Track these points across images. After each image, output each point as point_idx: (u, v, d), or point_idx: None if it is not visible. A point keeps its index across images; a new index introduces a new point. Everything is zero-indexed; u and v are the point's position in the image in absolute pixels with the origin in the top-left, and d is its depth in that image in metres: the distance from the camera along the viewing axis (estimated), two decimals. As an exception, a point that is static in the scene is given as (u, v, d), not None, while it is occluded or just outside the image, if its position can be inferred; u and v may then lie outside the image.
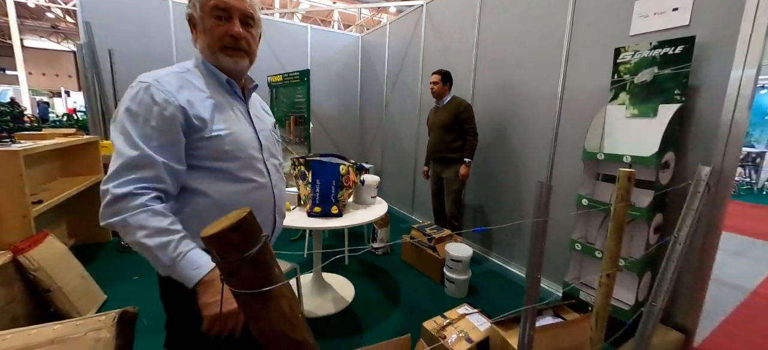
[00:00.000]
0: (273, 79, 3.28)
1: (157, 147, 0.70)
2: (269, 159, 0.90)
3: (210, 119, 0.76)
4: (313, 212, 1.71)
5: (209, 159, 0.77)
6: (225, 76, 0.83)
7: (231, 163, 0.79)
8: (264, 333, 0.49)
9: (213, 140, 0.76)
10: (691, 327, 1.71)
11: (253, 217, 0.48)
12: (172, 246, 0.68)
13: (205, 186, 0.78)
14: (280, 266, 0.52)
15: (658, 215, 1.68)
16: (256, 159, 0.85)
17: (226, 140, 0.78)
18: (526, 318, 0.89)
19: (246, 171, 0.82)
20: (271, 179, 0.89)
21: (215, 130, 0.77)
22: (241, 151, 0.81)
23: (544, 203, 0.83)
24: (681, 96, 1.56)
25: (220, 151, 0.78)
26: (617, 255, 1.12)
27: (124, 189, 0.67)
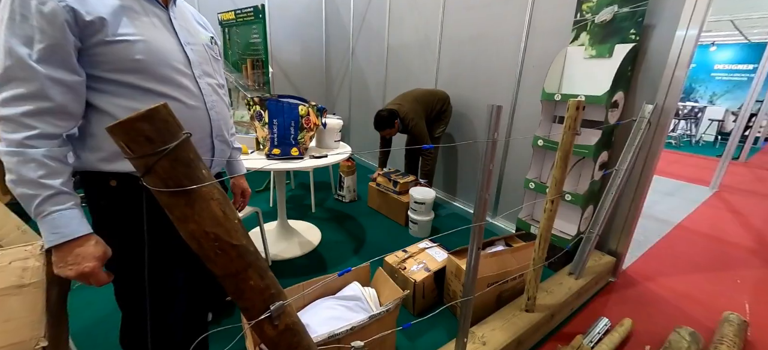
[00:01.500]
0: (224, 16, 2.97)
1: (39, 52, 0.59)
2: (202, 77, 0.81)
3: (111, 19, 0.65)
4: (273, 155, 1.65)
5: (116, 71, 0.68)
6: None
7: (145, 77, 0.70)
8: (194, 236, 0.48)
9: (117, 45, 0.66)
10: (621, 252, 1.93)
11: (169, 111, 0.43)
12: (36, 202, 0.60)
13: (112, 105, 0.69)
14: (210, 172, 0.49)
15: (604, 153, 1.80)
16: (182, 74, 0.76)
17: (136, 47, 0.68)
18: (474, 236, 0.94)
19: (166, 87, 0.73)
20: (204, 99, 0.81)
21: (120, 34, 0.66)
22: (158, 63, 0.71)
23: (494, 124, 0.84)
24: (636, 35, 1.60)
25: (129, 60, 0.68)
26: (562, 183, 1.20)
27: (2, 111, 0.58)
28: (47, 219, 0.61)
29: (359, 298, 1.17)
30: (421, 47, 2.99)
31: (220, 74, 0.92)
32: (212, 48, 0.88)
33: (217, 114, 0.85)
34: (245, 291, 0.53)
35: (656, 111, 1.59)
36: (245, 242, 0.52)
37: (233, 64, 3.09)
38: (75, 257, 0.62)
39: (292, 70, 4.39)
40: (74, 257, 0.62)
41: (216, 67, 0.89)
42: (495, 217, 2.55)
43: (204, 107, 0.81)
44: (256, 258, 0.54)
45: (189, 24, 0.83)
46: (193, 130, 0.79)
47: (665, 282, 2.00)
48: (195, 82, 0.79)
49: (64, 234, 0.62)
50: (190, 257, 0.88)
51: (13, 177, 0.60)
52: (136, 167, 0.43)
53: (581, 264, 1.71)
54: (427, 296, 1.58)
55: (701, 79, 8.27)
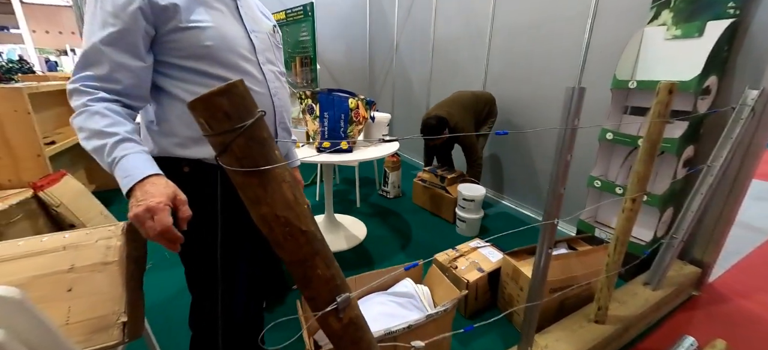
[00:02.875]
0: (276, 17, 3.09)
1: (109, 37, 0.62)
2: (266, 64, 0.82)
3: (184, 6, 0.67)
4: (322, 148, 1.67)
5: (188, 57, 0.69)
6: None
7: (215, 63, 0.71)
8: (266, 220, 0.46)
9: (190, 32, 0.68)
10: (708, 262, 1.67)
11: (245, 87, 0.42)
12: (106, 151, 0.61)
13: (184, 91, 0.71)
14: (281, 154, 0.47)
15: (689, 148, 1.57)
16: (249, 61, 0.77)
17: (207, 33, 0.69)
18: (544, 235, 0.85)
19: (233, 73, 0.74)
20: (269, 86, 0.82)
21: (193, 20, 0.68)
22: (227, 50, 0.72)
23: (574, 109, 0.74)
24: (735, 9, 1.37)
25: (200, 47, 0.69)
26: (646, 180, 1.05)
27: (72, 85, 0.63)
28: (118, 166, 0.61)
29: (412, 295, 1.12)
30: (471, 39, 2.85)
31: (281, 62, 0.93)
32: (275, 36, 0.89)
33: (279, 101, 0.85)
34: (313, 279, 0.51)
35: (763, 98, 1.34)
36: (314, 228, 0.50)
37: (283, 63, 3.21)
38: (144, 194, 0.60)
39: (336, 68, 4.47)
40: (143, 194, 0.60)
41: (278, 56, 0.90)
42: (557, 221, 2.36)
43: (268, 93, 0.82)
44: (323, 246, 0.52)
45: (253, 13, 0.84)
46: None
47: (762, 299, 1.70)
48: (259, 69, 0.80)
49: (134, 176, 0.61)
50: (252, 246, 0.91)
51: (84, 134, 0.62)
52: (213, 145, 0.42)
53: (660, 274, 1.50)
54: (480, 298, 1.49)
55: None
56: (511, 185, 2.70)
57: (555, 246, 1.58)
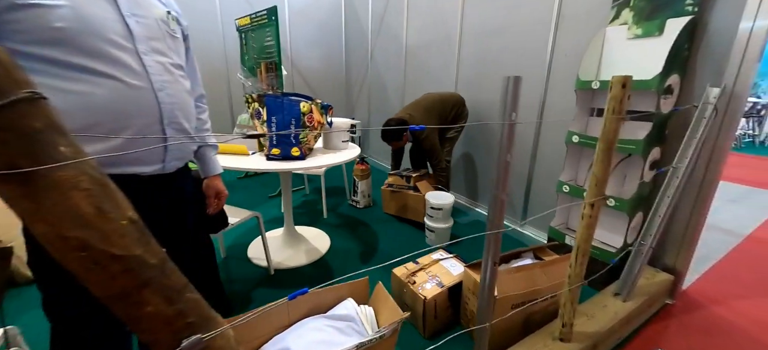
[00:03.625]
0: (241, 22, 2.96)
1: None
2: (150, 54, 0.70)
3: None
4: (272, 155, 1.53)
5: (33, 43, 0.57)
6: None
7: (73, 50, 0.59)
8: (49, 243, 0.33)
9: (33, 10, 0.55)
10: (681, 269, 1.60)
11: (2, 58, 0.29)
12: None
13: None
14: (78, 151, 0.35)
15: (656, 150, 1.51)
16: (122, 49, 0.65)
17: (57, 13, 0.57)
18: (489, 246, 0.74)
19: (98, 63, 0.62)
20: (151, 79, 0.69)
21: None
22: (88, 34, 0.61)
23: (511, 101, 0.64)
24: (693, 6, 1.33)
25: (49, 29, 0.57)
26: (604, 182, 0.96)
27: None
28: None
29: (353, 319, 0.99)
30: (441, 45, 2.80)
31: (180, 56, 0.80)
32: (169, 25, 0.77)
33: (169, 97, 0.73)
34: (142, 319, 0.38)
35: (724, 95, 1.29)
36: (140, 252, 0.37)
37: (249, 69, 3.07)
38: None
39: (312, 76, 4.36)
40: None
41: (173, 46, 0.78)
42: (523, 225, 2.28)
43: (150, 88, 0.69)
44: (161, 275, 0.39)
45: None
46: (134, 115, 0.68)
47: (738, 307, 1.64)
48: (138, 59, 0.68)
49: None
50: None
51: None
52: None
53: (630, 283, 1.42)
54: (441, 315, 1.37)
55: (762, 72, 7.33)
56: (484, 192, 2.62)
57: (520, 257, 1.48)
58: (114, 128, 0.65)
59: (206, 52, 3.64)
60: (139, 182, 0.73)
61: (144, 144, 0.69)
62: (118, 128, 0.66)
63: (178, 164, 0.82)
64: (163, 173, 0.78)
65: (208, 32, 3.62)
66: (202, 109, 1.00)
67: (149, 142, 0.70)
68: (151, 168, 0.74)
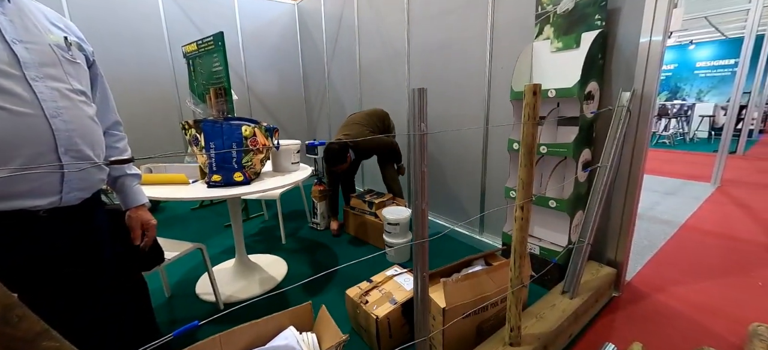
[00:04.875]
0: (187, 49, 2.89)
1: None
2: (43, 80, 0.66)
3: None
4: (212, 182, 1.47)
5: None
6: None
7: None
8: None
9: None
10: (622, 260, 1.70)
11: None
12: None
13: None
14: None
15: (586, 151, 1.62)
16: (5, 75, 0.61)
17: None
18: (417, 258, 0.74)
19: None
20: (42, 105, 0.65)
21: None
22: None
23: (417, 112, 0.66)
24: (601, 20, 1.47)
25: None
26: (530, 184, 1.00)
27: None
28: None
29: (293, 348, 0.94)
30: (391, 62, 2.89)
31: (81, 80, 0.76)
32: (68, 50, 0.73)
33: (65, 123, 0.68)
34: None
35: (635, 98, 1.43)
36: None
37: (199, 96, 2.97)
38: None
39: (269, 100, 4.31)
40: None
41: (72, 71, 0.73)
42: (482, 234, 2.33)
43: (41, 114, 0.65)
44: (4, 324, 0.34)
45: (28, 21, 0.68)
46: (23, 142, 0.63)
47: (678, 292, 1.75)
48: (27, 85, 0.64)
49: None
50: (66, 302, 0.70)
51: None
52: None
53: (575, 280, 1.47)
54: (396, 333, 1.34)
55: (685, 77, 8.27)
56: (443, 204, 2.66)
57: (471, 264, 1.50)
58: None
59: (155, 79, 3.49)
60: (34, 219, 0.67)
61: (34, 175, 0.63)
62: (2, 159, 0.60)
63: (82, 195, 0.76)
64: (61, 207, 0.71)
65: (156, 59, 3.49)
66: (118, 137, 0.94)
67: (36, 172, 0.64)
68: (46, 201, 0.68)
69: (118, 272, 0.97)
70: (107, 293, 0.87)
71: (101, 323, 0.84)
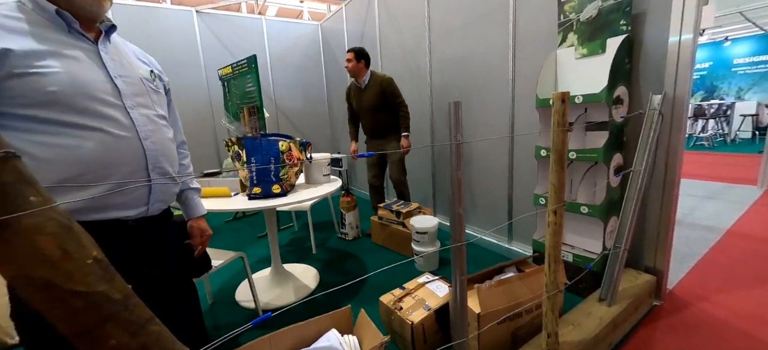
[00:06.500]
0: (223, 72, 3.10)
1: None
2: (137, 108, 0.78)
3: (20, 52, 0.63)
4: (253, 194, 1.57)
5: (30, 106, 0.64)
6: (53, 7, 0.69)
7: (67, 109, 0.66)
8: (17, 282, 0.36)
9: (28, 78, 0.63)
10: (661, 268, 1.64)
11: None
12: None
13: (28, 143, 0.64)
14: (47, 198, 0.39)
15: (617, 156, 1.60)
16: (110, 105, 0.73)
17: (51, 79, 0.65)
18: (455, 261, 0.78)
19: (88, 119, 0.69)
20: (137, 130, 0.77)
21: (32, 66, 0.63)
22: (81, 95, 0.68)
23: (454, 124, 0.71)
24: (626, 26, 1.48)
25: (42, 93, 0.64)
26: (562, 189, 1.02)
27: None
28: None
29: (336, 349, 0.99)
30: (412, 75, 2.96)
31: (163, 107, 0.89)
32: (153, 82, 0.85)
33: (154, 145, 0.80)
34: (105, 354, 0.41)
35: (667, 101, 1.41)
36: (103, 288, 0.41)
37: (233, 115, 3.17)
38: None
39: (295, 115, 4.50)
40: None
41: (156, 99, 0.86)
42: (511, 242, 2.31)
43: (136, 137, 0.77)
44: (124, 309, 0.42)
45: (123, 58, 0.81)
46: (124, 161, 0.75)
47: (725, 302, 1.67)
48: (126, 113, 0.75)
49: None
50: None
51: None
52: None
53: (612, 287, 1.44)
54: (430, 339, 1.36)
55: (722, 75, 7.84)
56: (470, 213, 2.66)
57: (503, 271, 1.51)
58: (102, 175, 0.71)
59: (192, 101, 3.76)
60: (124, 227, 0.78)
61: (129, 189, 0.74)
62: (105, 175, 0.72)
63: (162, 207, 0.87)
64: (146, 216, 0.82)
65: (193, 83, 3.77)
66: (184, 155, 1.06)
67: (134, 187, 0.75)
68: (135, 212, 0.79)
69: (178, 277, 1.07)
70: (172, 295, 0.97)
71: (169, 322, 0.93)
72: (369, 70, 2.62)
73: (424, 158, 3.03)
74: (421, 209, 2.45)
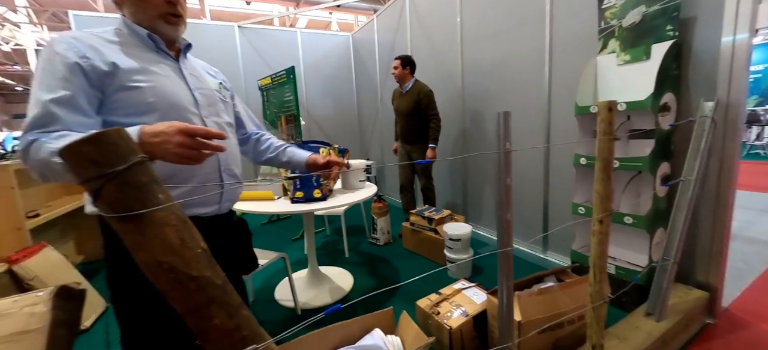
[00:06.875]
0: (262, 82, 3.29)
1: (60, 98, 0.66)
2: (210, 117, 0.87)
3: (126, 69, 0.73)
4: (296, 198, 1.66)
5: (133, 114, 0.74)
6: (145, 31, 0.80)
7: (157, 117, 0.76)
8: (147, 267, 0.44)
9: (133, 91, 0.74)
10: (715, 284, 1.55)
11: (122, 135, 0.42)
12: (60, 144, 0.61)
13: None
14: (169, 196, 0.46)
15: (664, 165, 1.54)
16: (191, 114, 0.82)
17: (148, 91, 0.75)
18: (502, 266, 0.80)
19: None
20: None
21: (135, 80, 0.74)
22: (169, 105, 0.78)
23: (503, 133, 0.74)
24: (674, 31, 1.43)
25: (144, 104, 0.74)
26: (609, 199, 1.01)
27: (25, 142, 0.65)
28: None
29: (381, 348, 1.03)
30: (444, 82, 2.99)
31: (229, 114, 0.98)
32: (220, 92, 0.95)
33: (225, 150, 0.88)
34: (209, 331, 0.47)
35: (721, 108, 1.34)
36: (209, 274, 0.47)
37: (271, 123, 3.34)
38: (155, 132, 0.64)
39: (326, 123, 4.65)
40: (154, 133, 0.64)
41: (224, 108, 0.95)
42: (546, 252, 2.26)
43: None
44: (223, 293, 0.49)
45: (198, 73, 0.91)
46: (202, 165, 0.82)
47: (788, 322, 1.54)
48: (202, 121, 0.85)
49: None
50: None
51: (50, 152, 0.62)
52: (88, 193, 0.42)
53: (661, 301, 1.38)
54: (468, 345, 1.37)
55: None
56: (502, 221, 2.62)
57: (542, 280, 1.49)
58: (188, 176, 0.80)
59: (231, 112, 4.00)
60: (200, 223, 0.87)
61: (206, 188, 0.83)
62: (190, 177, 0.81)
63: (229, 206, 0.96)
64: (218, 214, 0.91)
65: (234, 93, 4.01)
66: (263, 133, 1.16)
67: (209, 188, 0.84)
68: (210, 209, 0.89)
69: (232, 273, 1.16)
70: (229, 289, 1.06)
71: None
72: (414, 78, 2.74)
73: (456, 166, 3.03)
74: (453, 216, 2.45)
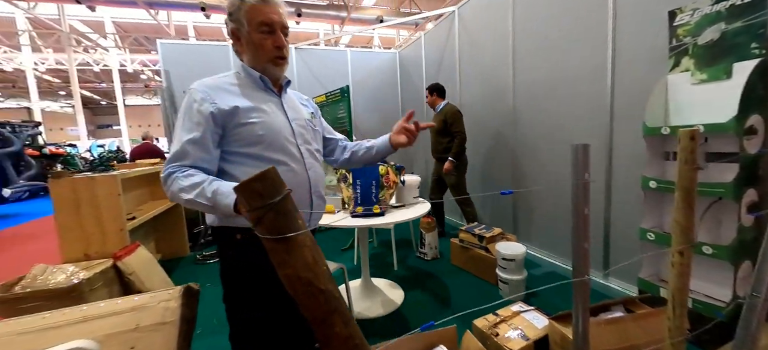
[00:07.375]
0: (317, 100, 3.53)
1: (193, 139, 0.84)
2: (303, 145, 1.00)
3: (245, 109, 0.89)
4: (356, 213, 1.77)
5: (247, 145, 0.89)
6: (258, 74, 0.94)
7: (265, 147, 0.90)
8: (290, 281, 0.54)
9: (248, 126, 0.89)
10: (818, 328, 1.37)
11: (276, 172, 0.54)
12: (206, 189, 0.79)
13: (241, 171, 0.90)
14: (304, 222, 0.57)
15: (750, 191, 1.42)
16: (290, 143, 0.95)
17: (259, 126, 0.90)
18: (578, 294, 0.81)
19: (279, 154, 0.92)
20: (304, 161, 0.98)
21: (249, 117, 0.89)
22: (273, 135, 0.92)
23: (581, 164, 0.77)
24: (760, 49, 1.33)
25: (255, 136, 0.89)
26: (690, 229, 0.98)
27: (168, 172, 0.84)
28: (219, 192, 0.77)
29: (446, 364, 1.07)
30: (493, 98, 2.99)
31: (318, 142, 1.11)
32: (312, 122, 1.08)
33: (314, 174, 1.01)
34: (332, 338, 0.56)
35: (823, 132, 1.22)
36: (331, 287, 0.57)
37: (323, 139, 3.58)
38: None
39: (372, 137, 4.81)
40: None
41: (314, 137, 1.08)
42: (606, 277, 2.14)
43: (304, 168, 0.98)
44: (340, 304, 0.57)
45: (295, 105, 1.06)
46: (296, 187, 0.96)
47: None
48: (298, 149, 0.98)
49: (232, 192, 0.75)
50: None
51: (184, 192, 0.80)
52: (250, 220, 0.53)
53: (749, 343, 1.26)
54: (527, 370, 1.35)
55: None
56: (557, 243, 2.53)
57: (609, 310, 1.43)
58: None
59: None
60: None
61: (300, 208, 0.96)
62: None
63: (315, 225, 1.08)
64: None
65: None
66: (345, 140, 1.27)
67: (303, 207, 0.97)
68: None
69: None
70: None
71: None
72: (444, 101, 3.11)
73: (505, 184, 2.99)
74: (504, 234, 2.42)
